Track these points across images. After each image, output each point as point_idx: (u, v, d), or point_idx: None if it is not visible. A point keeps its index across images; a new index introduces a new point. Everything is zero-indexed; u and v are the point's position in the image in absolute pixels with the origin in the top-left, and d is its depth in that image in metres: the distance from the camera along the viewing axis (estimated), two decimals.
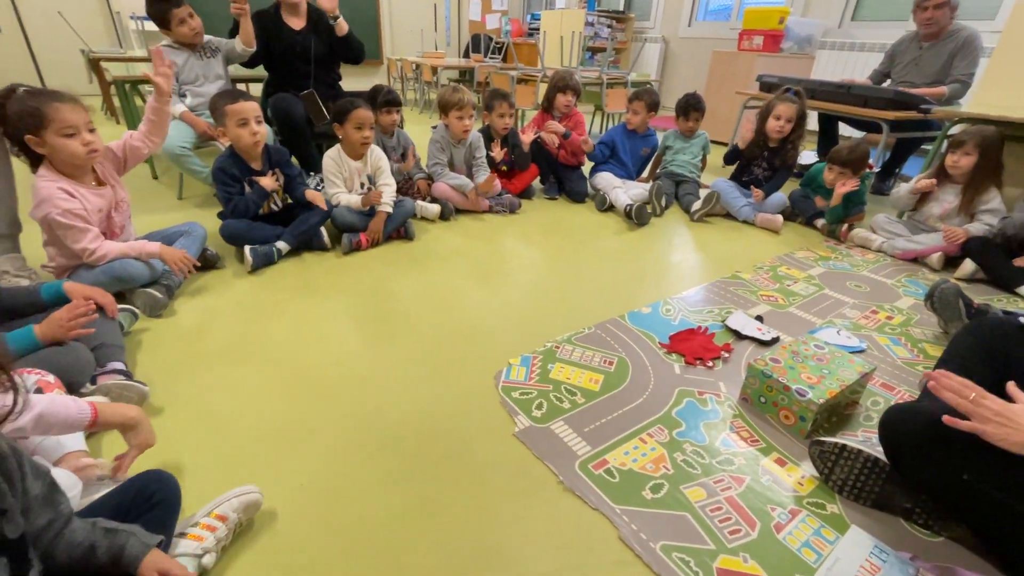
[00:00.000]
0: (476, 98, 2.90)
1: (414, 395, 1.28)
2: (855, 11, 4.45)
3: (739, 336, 1.59)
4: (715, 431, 1.20)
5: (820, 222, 2.54)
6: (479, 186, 2.52)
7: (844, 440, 1.03)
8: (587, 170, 2.98)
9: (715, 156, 3.35)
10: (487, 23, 6.77)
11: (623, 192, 2.66)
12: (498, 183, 2.66)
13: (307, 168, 2.65)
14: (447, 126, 2.56)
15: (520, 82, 4.43)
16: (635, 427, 1.19)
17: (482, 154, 2.62)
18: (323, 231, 2.07)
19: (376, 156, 2.22)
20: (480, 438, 1.15)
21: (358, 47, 2.72)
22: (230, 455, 1.07)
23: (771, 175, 2.67)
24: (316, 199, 2.04)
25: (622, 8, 6.52)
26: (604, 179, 2.80)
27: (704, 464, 1.10)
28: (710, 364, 1.44)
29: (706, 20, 5.75)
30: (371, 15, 6.52)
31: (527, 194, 2.89)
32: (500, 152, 2.66)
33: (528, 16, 7.28)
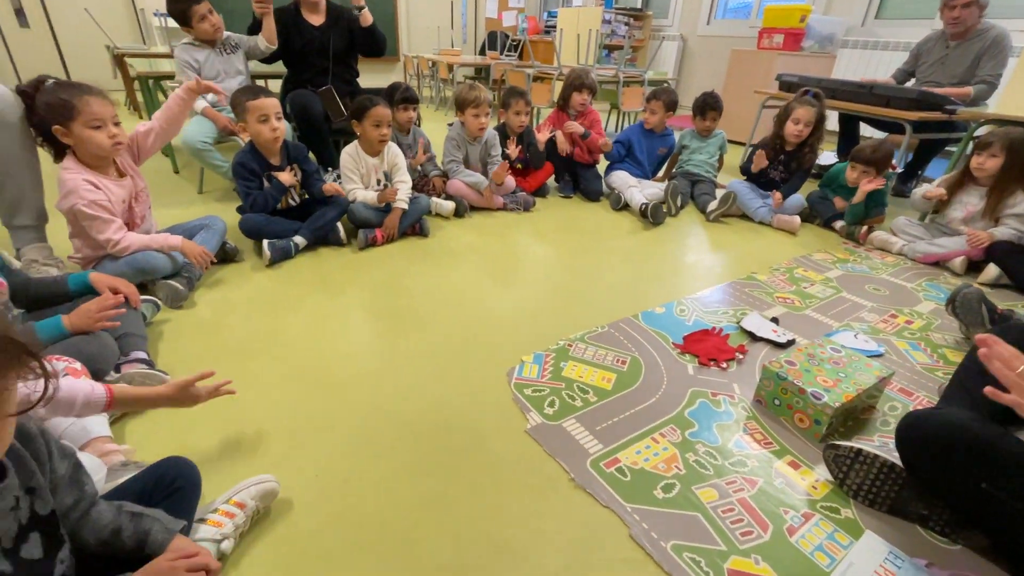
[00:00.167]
0: (492, 96, 2.90)
1: (427, 390, 1.29)
2: (879, 9, 4.36)
3: (754, 338, 1.57)
4: (728, 432, 1.19)
5: (839, 224, 2.50)
6: (492, 175, 2.52)
7: (860, 444, 1.02)
8: (602, 169, 2.97)
9: (732, 156, 3.32)
10: (503, 20, 6.76)
11: (638, 191, 2.65)
12: (512, 180, 2.66)
13: (324, 164, 2.68)
14: (463, 124, 2.57)
15: (536, 80, 4.43)
16: (647, 427, 1.19)
17: (497, 152, 2.63)
18: (339, 226, 2.10)
19: (393, 153, 2.24)
20: (492, 434, 1.16)
21: (381, 39, 2.75)
22: (247, 444, 1.10)
23: (788, 177, 2.64)
24: (335, 190, 2.06)
25: (640, 6, 6.47)
26: (619, 178, 2.78)
27: (716, 465, 1.09)
28: (724, 365, 1.43)
29: (725, 18, 5.68)
30: (389, 12, 6.56)
31: (542, 192, 2.89)
32: (515, 150, 2.67)
33: (545, 14, 7.27)
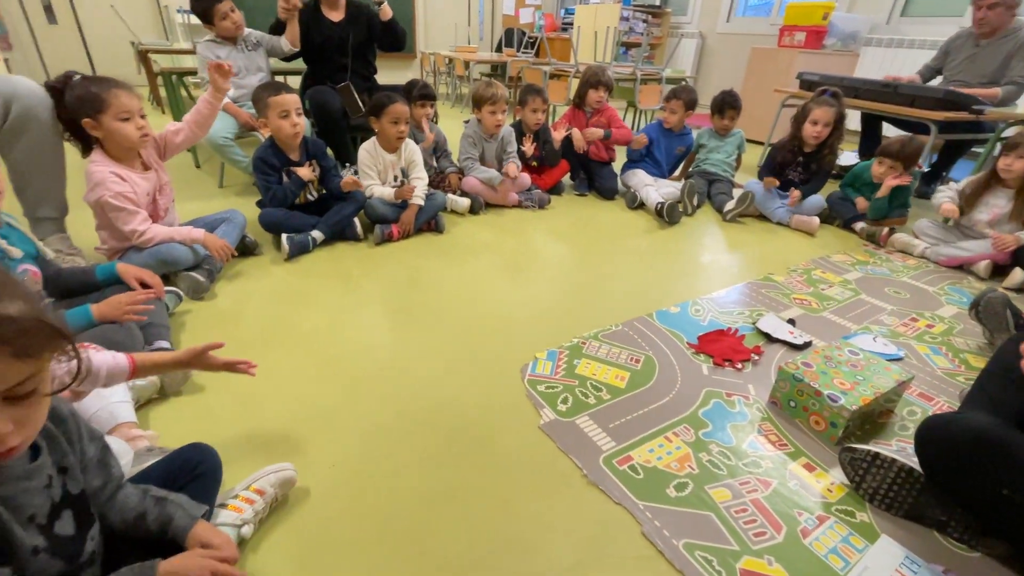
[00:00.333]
0: (509, 93, 2.91)
1: (441, 384, 1.31)
2: (905, 6, 4.26)
3: (770, 339, 1.56)
4: (742, 433, 1.19)
5: (859, 225, 2.46)
6: (505, 168, 2.53)
7: (877, 448, 1.01)
8: (618, 167, 2.96)
9: (750, 156, 3.28)
10: (520, 17, 6.74)
11: (654, 190, 2.63)
12: (527, 177, 2.67)
13: (342, 160, 2.71)
14: (479, 120, 2.58)
15: (552, 77, 4.41)
16: (660, 425, 1.19)
17: (513, 148, 2.63)
18: (356, 222, 2.12)
19: (410, 150, 2.26)
20: (505, 429, 1.17)
21: (401, 33, 2.76)
22: (265, 434, 1.12)
23: (807, 179, 2.59)
24: (354, 182, 2.08)
25: (658, 3, 6.41)
26: (636, 177, 2.77)
27: (730, 465, 1.09)
28: (739, 366, 1.42)
29: (745, 15, 5.60)
30: (407, 9, 6.59)
31: (557, 190, 2.88)
32: (531, 147, 2.67)
33: (562, 11, 7.24)
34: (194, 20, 2.60)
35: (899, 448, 1.03)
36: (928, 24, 4.11)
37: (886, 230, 2.37)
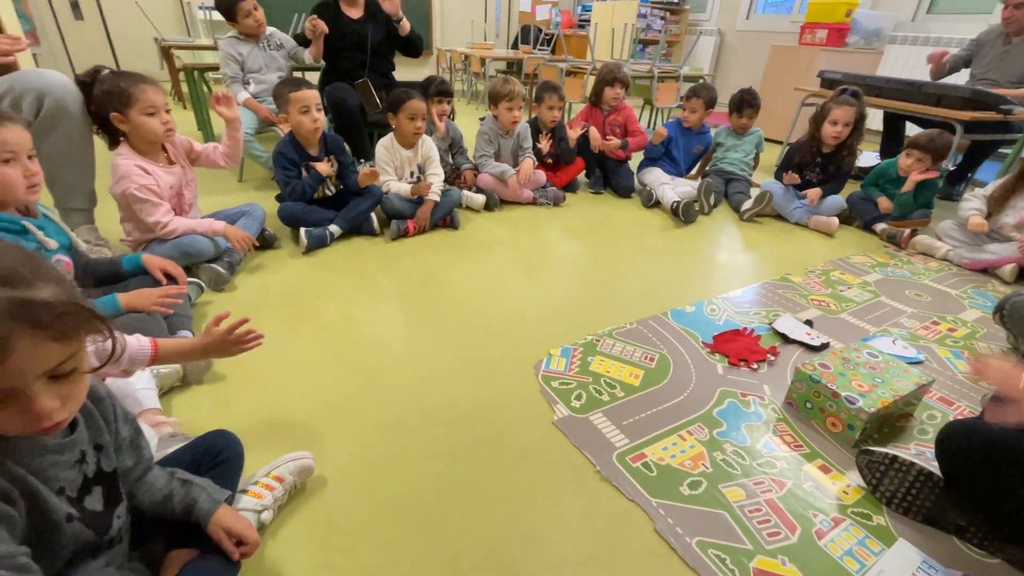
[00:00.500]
0: (525, 90, 2.91)
1: (456, 378, 1.32)
2: (932, 2, 4.17)
3: (786, 340, 1.54)
4: (757, 433, 1.18)
5: (880, 226, 2.42)
6: (521, 166, 2.53)
7: (896, 451, 1.00)
8: (634, 165, 2.94)
9: (768, 155, 3.24)
10: (537, 14, 6.72)
11: (670, 188, 2.62)
12: (542, 174, 2.66)
13: (359, 156, 2.73)
14: (495, 117, 2.59)
15: (569, 74, 4.40)
16: (674, 424, 1.19)
17: (529, 145, 2.63)
18: (373, 217, 2.14)
19: (427, 146, 2.27)
20: (519, 424, 1.18)
21: (419, 41, 2.84)
22: (284, 423, 1.14)
23: (826, 180, 2.55)
24: (373, 174, 2.09)
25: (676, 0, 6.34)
26: (653, 175, 2.75)
27: (744, 465, 1.09)
28: (754, 366, 1.41)
29: (765, 12, 5.52)
30: (423, 6, 6.61)
31: (572, 187, 2.88)
32: (547, 144, 2.67)
33: (579, 7, 7.19)
34: (215, 16, 2.65)
35: (918, 452, 1.02)
36: (955, 21, 4.01)
37: (908, 231, 2.32)
